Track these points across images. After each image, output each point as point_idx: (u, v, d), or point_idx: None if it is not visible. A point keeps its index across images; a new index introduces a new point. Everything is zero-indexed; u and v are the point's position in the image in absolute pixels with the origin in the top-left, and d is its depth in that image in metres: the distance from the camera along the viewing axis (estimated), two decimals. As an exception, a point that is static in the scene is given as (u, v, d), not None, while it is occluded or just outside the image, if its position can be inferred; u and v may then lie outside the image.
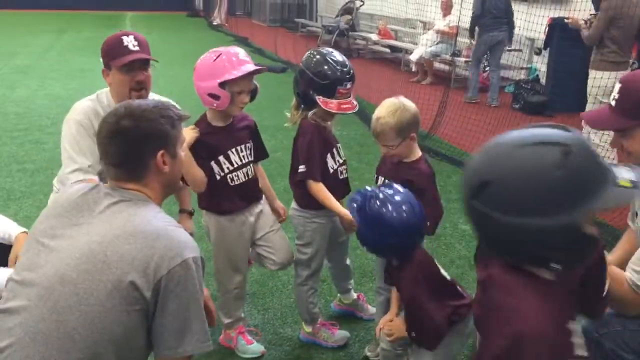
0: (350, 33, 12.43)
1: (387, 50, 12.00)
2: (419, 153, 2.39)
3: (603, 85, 5.05)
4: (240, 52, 2.45)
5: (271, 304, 3.17)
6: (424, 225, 2.08)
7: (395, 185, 2.08)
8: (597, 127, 2.01)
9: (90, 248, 1.47)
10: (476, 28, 8.31)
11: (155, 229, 1.52)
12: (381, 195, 2.01)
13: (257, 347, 2.73)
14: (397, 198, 2.01)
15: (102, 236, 1.49)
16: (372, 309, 3.03)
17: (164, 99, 1.71)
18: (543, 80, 8.17)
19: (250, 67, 2.39)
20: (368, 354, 2.71)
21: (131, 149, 1.60)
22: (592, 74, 5.23)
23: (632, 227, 2.05)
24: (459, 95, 8.38)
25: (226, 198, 2.52)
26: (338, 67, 2.44)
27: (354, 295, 3.07)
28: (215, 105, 2.40)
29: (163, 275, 1.46)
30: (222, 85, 2.34)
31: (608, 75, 5.05)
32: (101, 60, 2.53)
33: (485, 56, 8.54)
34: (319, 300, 2.96)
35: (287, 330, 2.95)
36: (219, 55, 2.37)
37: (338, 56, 2.50)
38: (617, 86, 1.77)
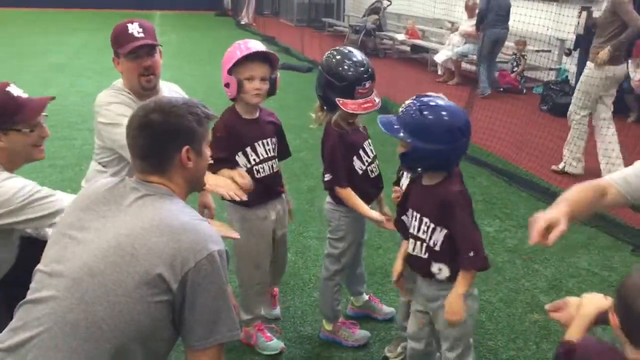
0: (377, 33, 12.39)
1: (413, 50, 11.92)
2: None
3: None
4: (252, 41, 2.50)
5: (292, 302, 3.19)
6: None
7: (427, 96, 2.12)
8: None
9: (118, 241, 1.50)
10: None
11: (182, 223, 1.55)
12: (419, 104, 2.04)
13: (276, 344, 2.75)
14: (438, 101, 2.06)
15: (130, 229, 1.52)
16: (387, 309, 3.05)
17: (194, 99, 1.76)
18: (573, 82, 8.04)
19: (254, 49, 2.42)
20: (388, 354, 2.71)
21: (158, 142, 1.63)
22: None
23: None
24: (485, 96, 8.31)
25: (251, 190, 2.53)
26: (355, 67, 2.42)
27: (366, 297, 3.07)
28: (228, 94, 2.46)
29: (190, 268, 1.49)
30: (230, 72, 2.41)
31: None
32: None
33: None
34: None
35: (307, 328, 2.96)
36: (232, 46, 2.44)
37: (355, 56, 2.48)
38: None
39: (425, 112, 1.99)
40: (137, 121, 1.64)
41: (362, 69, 2.43)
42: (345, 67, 2.42)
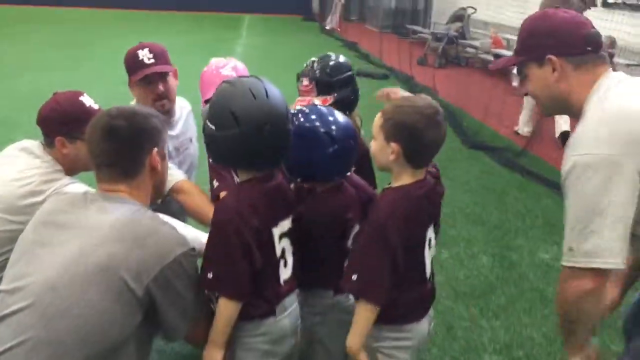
0: (459, 41, 12.04)
1: (496, 59, 11.46)
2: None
3: None
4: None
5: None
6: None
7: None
8: (495, 68, 1.98)
9: (80, 251, 1.48)
10: None
11: (145, 228, 1.55)
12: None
13: None
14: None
15: (92, 238, 1.51)
16: None
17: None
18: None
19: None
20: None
21: (126, 146, 1.64)
22: None
23: None
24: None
25: None
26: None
27: None
28: None
29: (156, 273, 1.49)
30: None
31: None
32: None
33: None
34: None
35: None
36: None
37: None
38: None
39: (298, 121, 1.87)
40: (101, 127, 1.63)
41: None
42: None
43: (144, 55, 2.48)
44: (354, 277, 1.70)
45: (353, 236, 1.90)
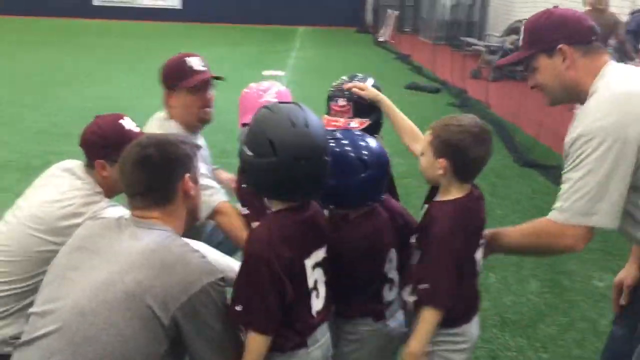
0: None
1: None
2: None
3: None
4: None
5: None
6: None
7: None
8: (505, 63, 2.13)
9: (109, 278, 1.49)
10: None
11: (173, 256, 1.54)
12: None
13: None
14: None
15: (121, 264, 1.52)
16: None
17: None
18: None
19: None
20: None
21: (159, 174, 1.64)
22: None
23: None
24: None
25: None
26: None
27: None
28: None
29: (183, 302, 1.49)
30: None
31: None
32: (163, 84, 2.54)
33: None
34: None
35: None
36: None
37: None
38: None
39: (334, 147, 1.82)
40: (133, 157, 1.64)
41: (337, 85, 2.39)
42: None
43: (194, 62, 2.48)
44: (423, 286, 1.78)
45: (391, 258, 1.92)
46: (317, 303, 1.76)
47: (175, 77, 2.48)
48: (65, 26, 18.13)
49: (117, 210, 2.04)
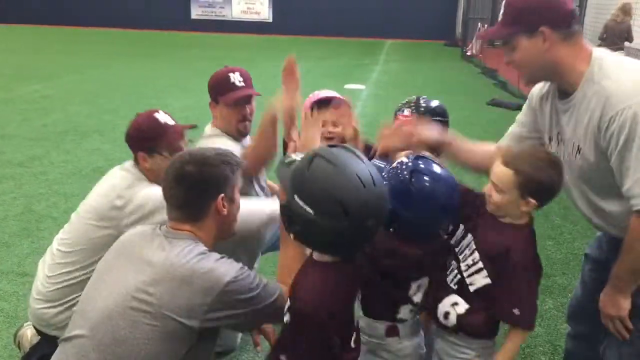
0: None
1: None
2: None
3: None
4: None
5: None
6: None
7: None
8: (485, 39, 2.06)
9: (135, 286, 1.63)
10: None
11: (191, 268, 1.64)
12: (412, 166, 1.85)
13: None
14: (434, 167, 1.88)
15: (145, 274, 1.64)
16: None
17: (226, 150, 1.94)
18: None
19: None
20: None
21: (194, 192, 1.75)
22: None
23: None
24: None
25: None
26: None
27: None
28: None
29: (209, 302, 1.60)
30: None
31: None
32: (209, 95, 2.71)
33: None
34: None
35: None
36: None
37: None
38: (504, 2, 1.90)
39: (414, 179, 1.80)
40: (174, 173, 1.76)
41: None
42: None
43: (236, 78, 2.65)
44: (516, 310, 1.82)
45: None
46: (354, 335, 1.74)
47: (217, 91, 2.67)
48: (164, 38, 19.15)
49: (154, 190, 2.16)
